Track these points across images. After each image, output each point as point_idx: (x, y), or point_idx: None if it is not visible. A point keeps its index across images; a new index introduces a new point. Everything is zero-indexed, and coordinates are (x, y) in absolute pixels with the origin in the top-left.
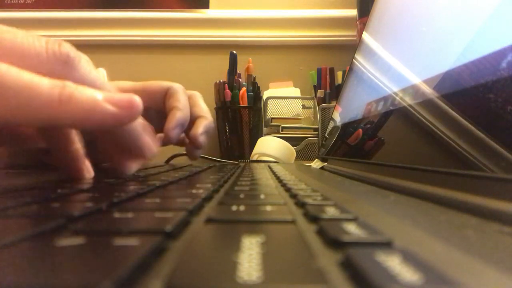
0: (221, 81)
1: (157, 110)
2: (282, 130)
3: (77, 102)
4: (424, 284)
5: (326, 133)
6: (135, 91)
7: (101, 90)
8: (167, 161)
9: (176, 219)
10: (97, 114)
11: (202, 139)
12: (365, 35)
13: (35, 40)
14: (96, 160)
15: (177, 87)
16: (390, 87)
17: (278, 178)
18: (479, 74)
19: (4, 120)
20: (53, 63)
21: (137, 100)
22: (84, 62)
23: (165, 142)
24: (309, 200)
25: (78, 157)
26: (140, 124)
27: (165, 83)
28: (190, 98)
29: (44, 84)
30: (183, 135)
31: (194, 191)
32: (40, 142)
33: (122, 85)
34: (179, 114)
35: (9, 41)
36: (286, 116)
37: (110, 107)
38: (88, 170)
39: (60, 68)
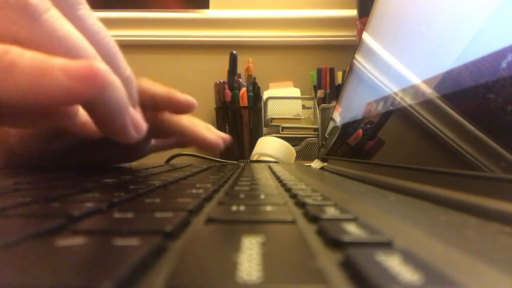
0: (221, 81)
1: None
2: (282, 130)
3: (20, 72)
4: (424, 284)
5: (326, 133)
6: (161, 97)
7: (72, 52)
8: (167, 161)
9: (176, 219)
10: (45, 87)
11: (211, 134)
12: (365, 35)
13: None
14: (97, 161)
15: (142, 82)
16: (390, 87)
17: (278, 178)
18: (479, 74)
19: None
20: (6, 12)
21: (101, 68)
22: (53, 15)
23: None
24: (309, 200)
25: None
26: (125, 99)
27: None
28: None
29: None
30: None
31: (194, 191)
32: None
33: (144, 86)
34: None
35: None
36: (286, 116)
37: (63, 78)
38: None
39: (17, 19)
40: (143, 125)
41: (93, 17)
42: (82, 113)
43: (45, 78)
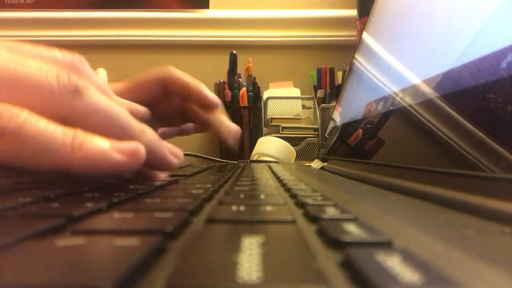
0: (221, 81)
1: (158, 100)
2: (282, 130)
3: (87, 150)
4: (424, 284)
5: (326, 133)
6: (131, 91)
7: (111, 117)
8: None
9: (176, 219)
10: (105, 162)
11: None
12: (365, 35)
13: (47, 73)
14: None
15: (173, 70)
16: (390, 87)
17: (278, 178)
18: (479, 74)
19: (21, 162)
20: (63, 94)
21: (142, 148)
22: (92, 90)
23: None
24: (309, 200)
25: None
26: (156, 139)
27: (157, 72)
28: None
29: (58, 132)
30: (188, 125)
31: (194, 191)
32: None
33: (116, 87)
34: (201, 88)
35: (23, 75)
36: (286, 116)
37: (117, 156)
38: (175, 155)
39: (70, 98)
40: (179, 151)
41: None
42: None
43: (105, 155)
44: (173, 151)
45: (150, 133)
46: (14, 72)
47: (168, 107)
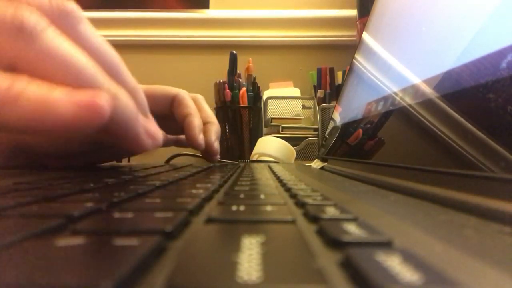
0: (221, 81)
1: (160, 115)
2: (282, 130)
3: (27, 102)
4: (424, 284)
5: (326, 133)
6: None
7: (72, 70)
8: (167, 161)
9: (176, 219)
10: (49, 115)
11: (216, 145)
12: (365, 35)
13: None
14: (96, 161)
15: (184, 93)
16: (390, 87)
17: (278, 178)
18: (479, 74)
19: None
20: (54, 15)
21: (103, 100)
22: (50, 34)
23: (210, 154)
24: (309, 200)
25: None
26: (131, 108)
27: (171, 89)
28: (194, 102)
29: None
30: (182, 136)
31: (194, 191)
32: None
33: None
34: (197, 120)
35: None
36: (286, 116)
37: (65, 108)
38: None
39: (12, 39)
40: (158, 132)
41: (93, 31)
42: None
43: (50, 108)
44: (149, 130)
45: (123, 100)
46: None
47: (170, 120)
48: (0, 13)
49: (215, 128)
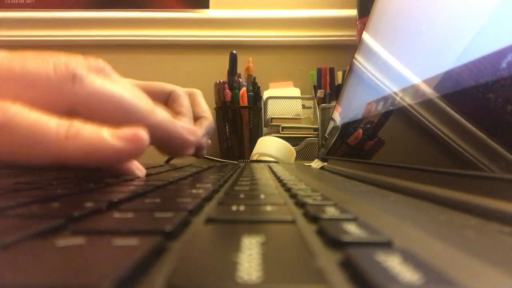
0: (221, 81)
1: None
2: (282, 130)
3: (83, 139)
4: (424, 284)
5: (326, 133)
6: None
7: (113, 100)
8: (167, 161)
9: (176, 219)
10: (102, 149)
11: (204, 140)
12: (365, 35)
13: (43, 63)
14: None
15: (179, 90)
16: (390, 87)
17: (278, 178)
18: (479, 74)
19: (14, 157)
20: (61, 83)
21: (143, 134)
22: (92, 76)
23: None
24: (309, 200)
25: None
26: (168, 118)
27: (167, 86)
28: (190, 96)
29: (52, 123)
30: None
31: (194, 191)
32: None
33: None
34: (207, 122)
35: (19, 69)
36: (286, 116)
37: (115, 142)
38: (139, 168)
39: (70, 86)
40: (195, 129)
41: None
42: None
43: (102, 142)
44: (189, 129)
45: (160, 113)
46: (9, 69)
47: None
48: (57, 65)
49: (207, 123)
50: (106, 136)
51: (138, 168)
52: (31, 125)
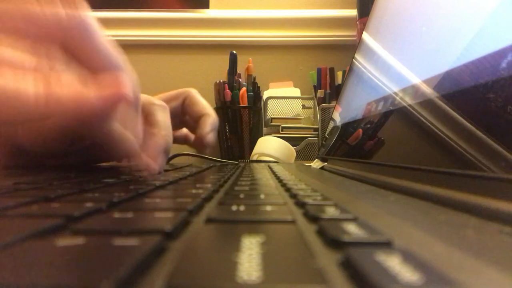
0: (221, 81)
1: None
2: (282, 130)
3: (64, 101)
4: (424, 284)
5: (326, 133)
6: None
7: (109, 64)
8: (167, 161)
9: (176, 219)
10: (85, 111)
11: (210, 137)
12: (365, 35)
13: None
14: (96, 160)
15: (194, 92)
16: (390, 87)
17: (278, 178)
18: (479, 74)
19: None
20: (56, 16)
21: (124, 87)
22: (98, 31)
23: (201, 146)
24: (309, 200)
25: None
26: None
27: (181, 90)
28: (187, 98)
29: (29, 88)
30: (185, 130)
31: (194, 191)
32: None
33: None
34: (211, 119)
35: (15, 8)
36: (286, 116)
37: (97, 102)
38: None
39: (77, 34)
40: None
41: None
42: None
43: (82, 101)
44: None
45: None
46: (6, 11)
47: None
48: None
49: (210, 120)
50: (88, 96)
51: (154, 161)
52: (8, 94)
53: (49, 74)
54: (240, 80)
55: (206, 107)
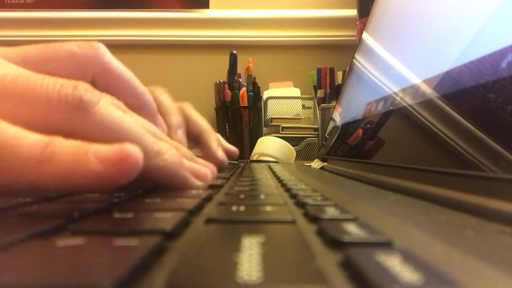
0: (221, 81)
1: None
2: (282, 130)
3: (58, 163)
4: (424, 284)
5: (326, 133)
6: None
7: (122, 134)
8: None
9: (176, 219)
10: (80, 177)
11: (220, 155)
12: (365, 35)
13: (49, 86)
14: None
15: (190, 108)
16: (390, 87)
17: (278, 178)
18: (479, 74)
19: None
20: (63, 108)
21: (132, 154)
22: (102, 104)
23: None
24: (309, 200)
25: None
26: (175, 159)
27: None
28: (182, 112)
29: (25, 142)
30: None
31: (194, 191)
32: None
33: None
34: (213, 137)
35: (20, 86)
36: (286, 116)
37: (95, 167)
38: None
39: (72, 112)
40: (204, 171)
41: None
42: None
43: (80, 166)
44: (197, 171)
45: (168, 153)
46: (12, 86)
47: None
48: (63, 90)
49: (212, 137)
50: (86, 158)
51: (198, 174)
52: (2, 146)
53: (50, 139)
54: (240, 80)
55: (202, 124)
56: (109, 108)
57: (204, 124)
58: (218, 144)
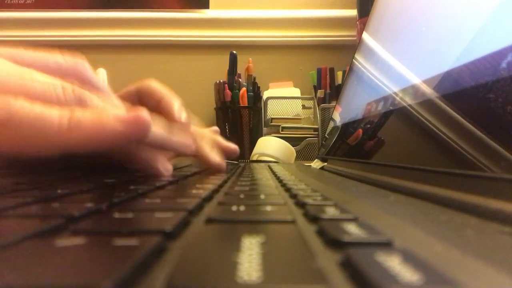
0: (221, 81)
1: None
2: (282, 130)
3: (85, 128)
4: (424, 284)
5: (326, 133)
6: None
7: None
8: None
9: (176, 219)
10: (106, 136)
11: (213, 158)
12: (365, 35)
13: (55, 87)
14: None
15: (151, 83)
16: (390, 87)
17: (278, 178)
18: (479, 74)
19: (19, 150)
20: (70, 104)
21: (145, 115)
22: (95, 99)
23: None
24: (309, 200)
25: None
26: (163, 127)
27: (136, 85)
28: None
29: (54, 115)
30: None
31: (194, 191)
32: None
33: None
34: (206, 145)
35: (32, 89)
36: (286, 116)
37: (117, 127)
38: (166, 168)
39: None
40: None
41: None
42: None
43: (106, 127)
44: (165, 165)
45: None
46: (23, 87)
47: None
48: (66, 89)
49: (205, 140)
50: (108, 121)
51: (164, 167)
52: (34, 119)
53: (72, 110)
54: (240, 80)
55: (164, 92)
56: (100, 102)
57: (165, 93)
58: (212, 146)
